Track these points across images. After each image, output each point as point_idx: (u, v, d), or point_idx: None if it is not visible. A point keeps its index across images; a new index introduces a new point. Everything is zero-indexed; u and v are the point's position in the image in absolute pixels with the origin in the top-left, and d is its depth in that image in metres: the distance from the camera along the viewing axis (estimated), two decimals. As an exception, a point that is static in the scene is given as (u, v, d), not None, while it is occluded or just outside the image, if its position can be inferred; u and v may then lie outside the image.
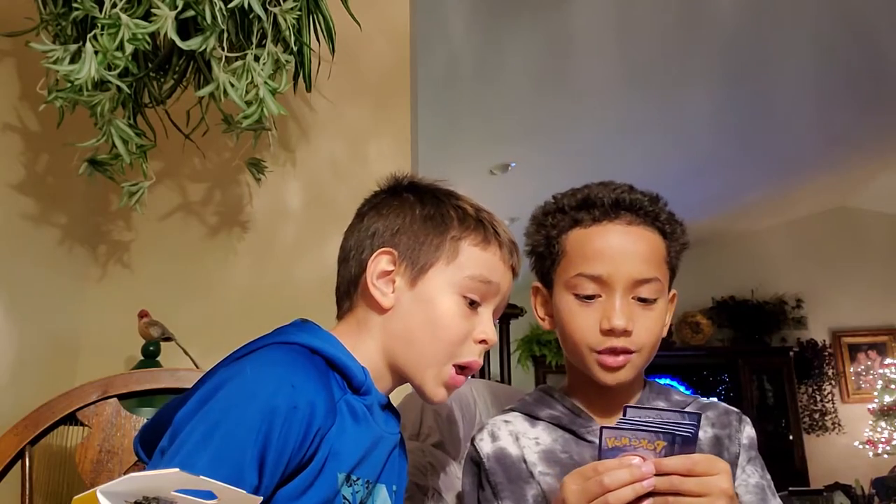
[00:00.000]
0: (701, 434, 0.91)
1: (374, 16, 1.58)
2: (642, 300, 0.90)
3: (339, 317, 0.90)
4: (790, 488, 4.71)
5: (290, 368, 0.74)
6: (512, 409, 0.99)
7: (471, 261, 0.86)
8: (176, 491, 0.54)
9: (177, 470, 0.54)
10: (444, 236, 0.87)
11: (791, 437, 5.89)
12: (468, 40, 3.09)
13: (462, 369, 0.85)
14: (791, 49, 3.51)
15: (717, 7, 3.09)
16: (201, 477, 0.56)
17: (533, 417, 0.96)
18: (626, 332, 0.88)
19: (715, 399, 1.01)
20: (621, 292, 0.88)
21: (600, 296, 0.89)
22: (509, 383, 4.29)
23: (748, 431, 0.96)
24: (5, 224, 1.30)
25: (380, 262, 0.85)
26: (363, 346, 0.85)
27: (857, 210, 6.28)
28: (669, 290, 0.95)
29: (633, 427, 0.74)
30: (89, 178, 1.31)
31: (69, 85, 1.12)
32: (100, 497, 0.52)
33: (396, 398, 1.16)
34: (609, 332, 0.88)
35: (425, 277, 0.85)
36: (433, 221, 0.88)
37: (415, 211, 0.89)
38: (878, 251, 6.09)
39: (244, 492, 0.62)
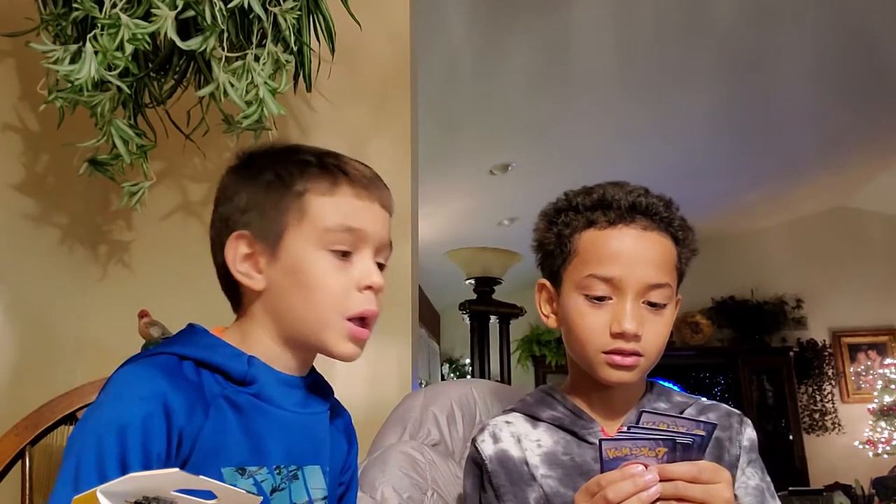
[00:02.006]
0: None
1: (374, 16, 1.58)
2: (652, 305, 0.89)
3: (235, 311, 0.89)
4: (790, 488, 4.71)
5: (139, 382, 0.75)
6: (513, 410, 0.99)
7: (322, 211, 0.81)
8: (175, 491, 0.55)
9: (177, 469, 0.54)
10: (288, 196, 0.82)
11: (791, 437, 5.89)
12: (468, 41, 3.09)
13: (360, 321, 0.82)
14: (791, 49, 3.51)
15: (716, 8, 3.09)
16: (201, 477, 0.56)
17: (534, 418, 0.96)
18: (635, 337, 0.88)
19: (717, 401, 1.00)
20: (632, 296, 0.88)
21: (611, 298, 0.89)
22: (509, 383, 4.29)
23: (749, 433, 0.96)
24: (6, 224, 1.30)
25: (238, 247, 0.83)
26: (252, 335, 0.83)
27: (857, 210, 6.28)
28: (676, 293, 0.95)
29: (633, 437, 0.74)
30: (90, 178, 1.31)
31: (69, 85, 1.12)
32: (100, 497, 0.52)
33: (396, 400, 1.16)
34: (619, 336, 0.88)
35: (282, 246, 0.81)
36: (273, 186, 0.83)
37: (256, 181, 0.85)
38: (878, 251, 6.09)
39: (243, 491, 0.62)
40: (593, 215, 0.92)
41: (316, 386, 0.88)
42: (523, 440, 0.94)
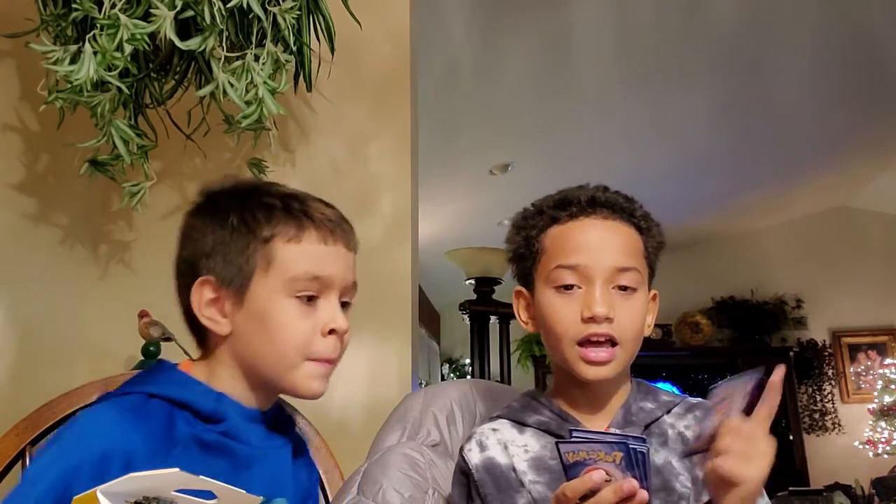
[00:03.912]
0: (689, 433, 0.92)
1: (374, 16, 1.58)
2: (623, 289, 0.90)
3: (198, 347, 0.89)
4: (790, 488, 4.70)
5: (103, 423, 0.76)
6: (499, 416, 0.99)
7: (289, 260, 0.82)
8: (175, 491, 0.55)
9: (176, 469, 0.55)
10: (254, 243, 0.83)
11: (791, 437, 5.89)
12: (468, 40, 3.09)
13: (325, 360, 0.85)
14: (791, 49, 3.51)
15: (716, 8, 3.09)
16: (201, 477, 0.56)
17: (521, 424, 0.96)
18: (607, 320, 0.88)
19: (703, 399, 1.00)
20: (601, 282, 0.89)
21: (580, 287, 0.90)
22: (509, 383, 4.29)
23: None
24: (6, 224, 1.30)
25: (203, 293, 0.83)
26: (217, 375, 0.85)
27: (857, 210, 6.27)
28: (649, 288, 0.95)
29: (587, 440, 0.74)
30: (90, 178, 1.31)
31: (69, 85, 1.12)
32: (100, 497, 0.52)
33: (396, 400, 1.16)
34: (590, 320, 0.88)
35: (249, 293, 0.82)
36: (239, 231, 0.83)
37: (221, 225, 0.84)
38: (878, 251, 6.09)
39: (243, 491, 0.62)
40: (556, 213, 0.94)
41: (278, 419, 0.90)
42: (510, 446, 0.93)
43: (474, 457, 0.93)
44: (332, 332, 0.84)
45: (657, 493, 0.85)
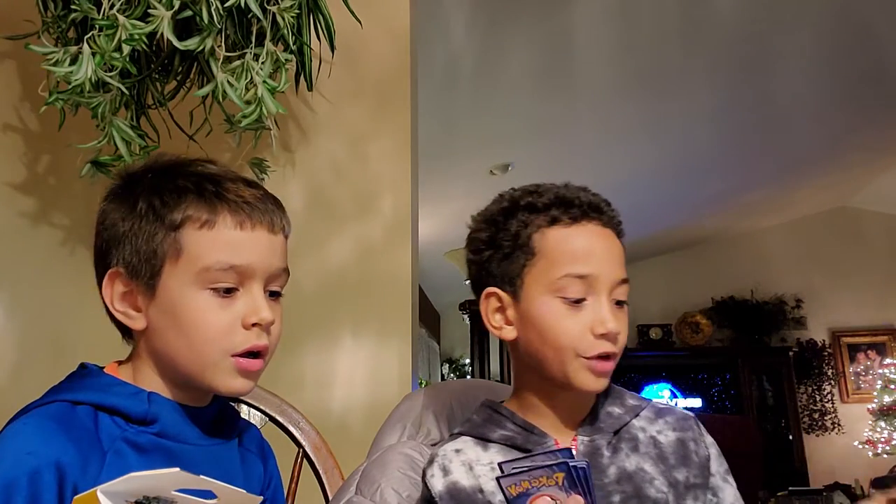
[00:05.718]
0: (662, 438, 0.89)
1: (374, 15, 1.58)
2: (619, 303, 0.88)
3: (127, 344, 0.86)
4: (790, 488, 4.71)
5: (28, 437, 0.71)
6: (461, 433, 0.94)
7: (200, 249, 0.75)
8: (176, 490, 0.55)
9: (177, 469, 0.55)
10: (162, 230, 0.76)
11: (791, 437, 5.89)
12: (468, 40, 3.09)
13: (251, 354, 0.78)
14: (792, 50, 3.51)
15: (718, 8, 3.10)
16: (201, 476, 0.56)
17: (484, 440, 0.91)
18: (616, 336, 0.86)
19: (670, 404, 0.98)
20: (606, 294, 0.86)
21: (586, 298, 0.86)
22: (509, 383, 4.29)
23: (709, 437, 0.92)
24: (7, 225, 1.30)
25: (114, 286, 0.78)
26: (142, 373, 0.80)
27: (857, 210, 6.28)
28: None
29: (527, 468, 0.73)
30: (91, 179, 1.31)
31: (69, 87, 1.12)
32: (100, 497, 0.52)
33: (395, 400, 1.16)
34: (602, 337, 0.85)
35: (159, 285, 0.76)
36: (147, 218, 0.76)
37: (130, 211, 0.78)
38: (878, 251, 6.10)
39: (243, 491, 0.62)
40: (555, 213, 0.89)
41: (221, 414, 0.85)
42: (475, 467, 0.88)
43: (438, 483, 0.88)
44: (255, 325, 0.77)
45: (629, 501, 0.82)
